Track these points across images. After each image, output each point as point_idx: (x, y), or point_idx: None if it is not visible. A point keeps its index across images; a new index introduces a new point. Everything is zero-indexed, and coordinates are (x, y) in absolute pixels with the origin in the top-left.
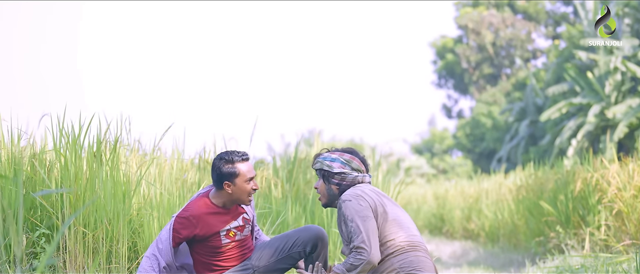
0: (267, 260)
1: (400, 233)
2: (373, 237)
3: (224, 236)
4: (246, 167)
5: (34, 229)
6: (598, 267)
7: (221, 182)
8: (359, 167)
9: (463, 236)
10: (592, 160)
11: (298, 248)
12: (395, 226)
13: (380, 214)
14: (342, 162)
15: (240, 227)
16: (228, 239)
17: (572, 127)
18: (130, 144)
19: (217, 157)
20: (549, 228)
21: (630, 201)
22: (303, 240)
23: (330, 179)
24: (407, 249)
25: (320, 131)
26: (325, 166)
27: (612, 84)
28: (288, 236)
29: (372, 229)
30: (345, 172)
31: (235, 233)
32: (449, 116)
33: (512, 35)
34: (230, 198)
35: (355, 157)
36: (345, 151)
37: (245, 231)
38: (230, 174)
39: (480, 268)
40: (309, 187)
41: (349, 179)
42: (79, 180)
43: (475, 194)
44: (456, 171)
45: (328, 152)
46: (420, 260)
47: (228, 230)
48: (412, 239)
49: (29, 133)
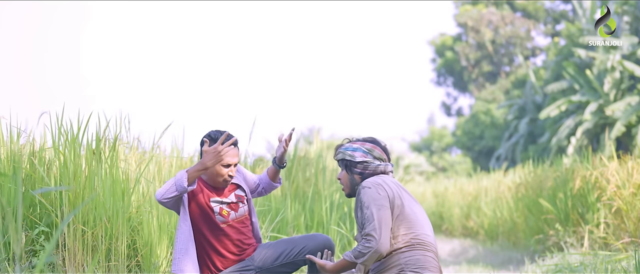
0: (270, 263)
1: (412, 229)
2: (384, 227)
3: (218, 213)
4: (228, 151)
5: (33, 227)
6: (597, 265)
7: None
8: (381, 156)
9: (462, 234)
10: (591, 158)
11: (303, 256)
12: (409, 221)
13: (397, 207)
14: (364, 152)
15: (233, 205)
16: (222, 218)
17: (570, 125)
18: (130, 142)
19: (206, 134)
20: (548, 226)
21: (629, 198)
22: (310, 249)
23: (352, 169)
24: (416, 247)
25: (319, 128)
26: (347, 156)
27: (611, 81)
28: (295, 242)
29: (385, 219)
30: (367, 161)
31: (229, 212)
32: (448, 113)
33: (511, 33)
34: (208, 176)
35: (377, 146)
36: (367, 140)
37: (240, 211)
38: None
39: (479, 265)
40: (308, 185)
41: (371, 168)
42: (78, 178)
43: (475, 192)
44: (455, 169)
45: (349, 142)
46: (427, 260)
47: (221, 207)
48: (423, 238)
49: (28, 131)
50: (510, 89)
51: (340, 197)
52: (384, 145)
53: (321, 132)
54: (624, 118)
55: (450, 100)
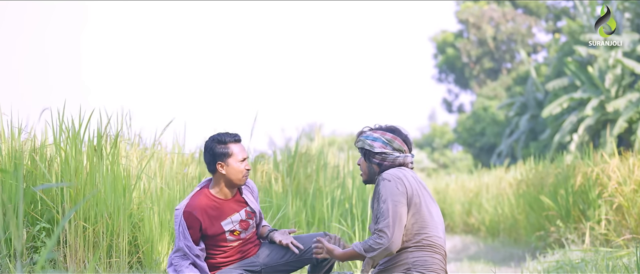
0: (276, 261)
1: (426, 230)
2: (398, 224)
3: (229, 234)
4: (238, 147)
5: (35, 223)
6: (598, 261)
7: (214, 164)
8: (401, 147)
9: (463, 231)
10: (593, 154)
11: (310, 255)
12: (424, 221)
13: (414, 205)
14: (384, 142)
15: (244, 223)
16: (233, 238)
17: (572, 121)
18: (131, 139)
19: (209, 138)
20: (549, 223)
21: (631, 195)
22: None
23: (371, 159)
24: (425, 248)
25: (321, 125)
26: (366, 145)
27: (612, 78)
28: (302, 240)
29: (400, 217)
30: (386, 152)
31: (240, 232)
32: (450, 110)
33: (512, 29)
34: (225, 180)
35: (398, 136)
36: (388, 129)
37: (250, 229)
38: (223, 154)
39: (480, 262)
40: (309, 181)
41: (389, 160)
42: (80, 174)
43: (476, 189)
44: (457, 166)
45: (371, 130)
46: (434, 262)
47: (232, 230)
48: (434, 240)
49: (30, 127)
50: (511, 86)
51: (341, 194)
52: (405, 135)
53: (322, 128)
54: (625, 115)
55: (451, 97)
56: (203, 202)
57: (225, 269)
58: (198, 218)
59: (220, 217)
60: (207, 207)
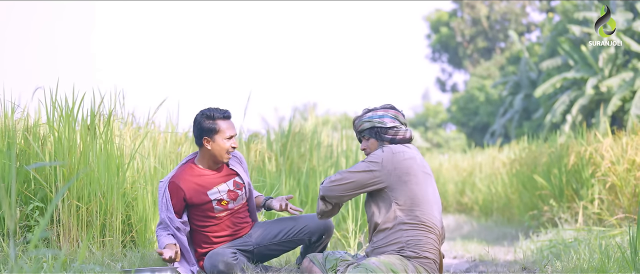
0: (269, 240)
1: (420, 208)
2: (345, 186)
3: (216, 204)
4: (226, 124)
5: (28, 202)
6: (591, 240)
7: (201, 138)
8: (405, 121)
9: (457, 210)
10: (586, 134)
11: (303, 235)
12: (417, 199)
13: (406, 182)
14: (391, 117)
15: (232, 193)
16: (220, 207)
17: (565, 101)
18: (124, 118)
19: (199, 113)
20: (543, 202)
21: (624, 174)
22: (310, 229)
23: (383, 136)
24: (419, 227)
25: (314, 104)
26: (376, 124)
27: (606, 57)
28: (296, 220)
29: (354, 183)
30: (397, 126)
31: (228, 202)
32: (443, 89)
33: (506, 8)
34: (210, 155)
35: (398, 112)
36: (387, 107)
37: (239, 200)
38: (210, 129)
39: (473, 241)
40: (302, 160)
41: (401, 133)
42: (73, 153)
43: (469, 168)
44: (450, 145)
45: (370, 111)
46: (428, 242)
47: (220, 199)
48: (428, 218)
49: (23, 106)
50: (505, 65)
51: (335, 173)
52: (401, 110)
53: (316, 108)
54: (619, 94)
55: (445, 76)
56: (187, 174)
57: (218, 248)
58: (182, 188)
59: (206, 187)
60: (192, 177)
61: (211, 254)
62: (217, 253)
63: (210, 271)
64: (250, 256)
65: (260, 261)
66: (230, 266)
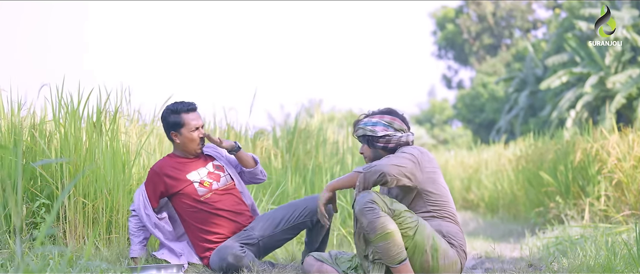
0: (272, 230)
1: (450, 203)
2: (401, 168)
3: (198, 185)
4: (191, 116)
5: (34, 199)
6: (597, 237)
7: (169, 133)
8: (401, 126)
9: (463, 207)
10: (592, 130)
11: (304, 218)
12: (446, 195)
13: (433, 180)
14: (385, 125)
15: (213, 174)
16: (204, 189)
17: (571, 97)
18: (130, 115)
19: (165, 108)
20: (549, 199)
21: (630, 171)
22: (310, 210)
23: (374, 144)
24: (446, 218)
25: (320, 101)
26: (368, 132)
27: (612, 54)
28: (294, 205)
29: (408, 168)
30: (389, 134)
31: (211, 182)
32: (449, 86)
33: (512, 5)
34: (181, 148)
35: (396, 117)
36: (384, 112)
37: (223, 181)
38: (175, 124)
39: (479, 238)
40: (308, 157)
41: (394, 141)
42: (79, 150)
43: (475, 165)
44: (456, 142)
45: (367, 116)
46: (462, 237)
47: (201, 181)
48: (454, 212)
49: (29, 103)
50: (511, 62)
51: (340, 170)
52: (401, 115)
53: (322, 104)
54: (625, 90)
55: (451, 73)
56: (166, 162)
57: (225, 243)
58: (160, 174)
59: (185, 170)
60: (170, 162)
61: (219, 249)
62: (225, 246)
63: (218, 265)
64: (256, 250)
65: (267, 252)
66: (239, 258)
